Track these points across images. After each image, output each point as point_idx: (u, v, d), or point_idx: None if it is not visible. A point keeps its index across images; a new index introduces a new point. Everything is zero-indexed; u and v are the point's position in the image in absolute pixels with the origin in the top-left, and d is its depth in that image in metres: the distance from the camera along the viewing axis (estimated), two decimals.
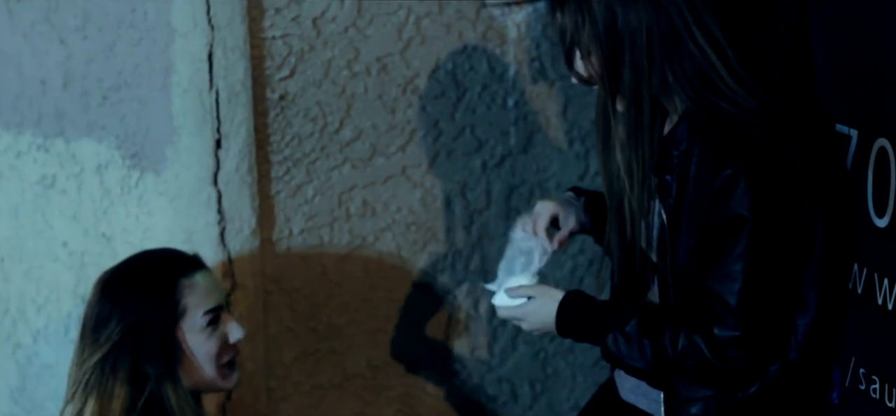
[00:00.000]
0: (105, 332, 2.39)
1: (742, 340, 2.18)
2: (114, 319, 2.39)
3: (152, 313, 2.40)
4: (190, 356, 2.44)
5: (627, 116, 2.25)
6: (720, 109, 2.21)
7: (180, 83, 2.82)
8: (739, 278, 2.17)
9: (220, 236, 2.87)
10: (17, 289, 3.02)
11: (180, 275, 2.45)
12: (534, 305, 2.39)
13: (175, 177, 2.86)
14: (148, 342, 2.39)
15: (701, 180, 2.20)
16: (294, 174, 2.93)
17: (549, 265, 3.19)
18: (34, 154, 2.96)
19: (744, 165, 2.15)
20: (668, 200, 2.27)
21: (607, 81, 2.25)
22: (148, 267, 2.48)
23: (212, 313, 2.46)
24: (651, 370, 2.28)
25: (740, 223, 2.16)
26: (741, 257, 2.17)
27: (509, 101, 3.10)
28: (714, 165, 2.18)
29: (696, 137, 2.23)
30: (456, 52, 3.03)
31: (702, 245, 2.21)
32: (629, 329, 2.27)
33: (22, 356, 3.04)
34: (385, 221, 3.03)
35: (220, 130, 2.84)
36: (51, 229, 2.97)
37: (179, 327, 2.43)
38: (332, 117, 2.95)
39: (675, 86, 2.24)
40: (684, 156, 2.24)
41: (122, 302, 2.41)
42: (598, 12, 2.23)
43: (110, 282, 2.46)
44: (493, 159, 3.11)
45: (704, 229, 2.20)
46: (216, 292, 2.50)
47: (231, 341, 2.49)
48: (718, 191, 2.17)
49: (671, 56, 2.22)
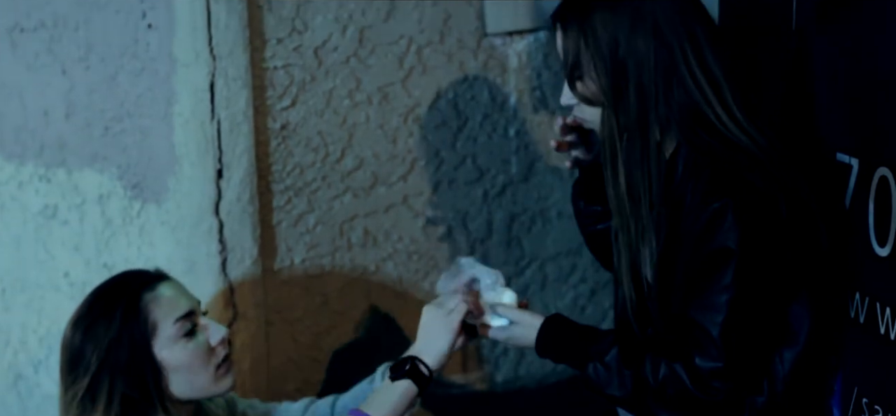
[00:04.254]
0: (82, 366, 2.34)
1: (723, 371, 2.19)
2: (87, 350, 2.34)
3: (122, 336, 2.33)
4: (173, 371, 2.36)
5: (633, 139, 2.26)
6: (711, 147, 2.22)
7: (182, 113, 2.83)
8: (723, 310, 2.18)
9: (222, 265, 2.87)
10: (18, 320, 3.02)
11: (143, 290, 2.38)
12: (515, 329, 2.39)
13: (177, 207, 2.86)
14: (123, 367, 2.32)
15: (692, 214, 2.21)
16: (296, 204, 2.94)
17: (551, 295, 3.21)
18: (36, 185, 2.96)
19: (732, 200, 2.16)
20: (661, 232, 2.28)
21: (613, 105, 2.26)
22: (110, 292, 2.41)
23: (183, 321, 2.37)
24: (631, 399, 2.28)
25: (727, 256, 2.17)
26: (726, 289, 2.18)
27: (510, 130, 3.11)
28: (704, 199, 2.19)
29: (690, 172, 2.23)
30: (457, 81, 3.04)
31: (688, 277, 2.22)
32: (609, 359, 2.27)
33: (23, 386, 3.04)
34: (386, 250, 3.03)
35: (221, 160, 2.84)
36: (52, 260, 2.97)
37: (153, 344, 2.35)
38: (334, 147, 2.96)
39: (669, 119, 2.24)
40: (678, 189, 2.25)
41: (91, 332, 2.35)
42: (601, 37, 2.24)
43: (78, 317, 2.40)
44: (494, 188, 3.11)
45: (692, 261, 2.21)
46: (184, 299, 2.41)
47: (213, 343, 2.39)
48: (706, 224, 2.18)
49: (668, 89, 2.23)
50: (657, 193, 2.27)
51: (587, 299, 3.23)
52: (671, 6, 2.23)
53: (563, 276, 3.21)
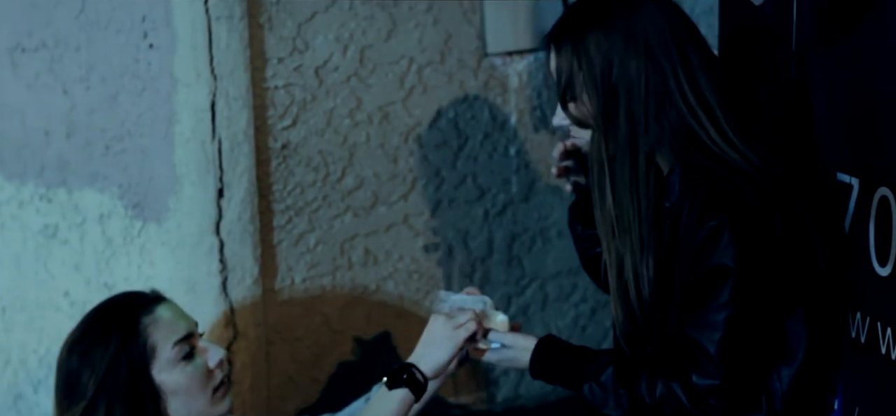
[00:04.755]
0: (78, 390, 2.31)
1: (720, 389, 2.19)
2: (84, 375, 2.31)
3: (119, 361, 2.30)
4: (171, 395, 2.34)
5: (623, 164, 2.26)
6: (706, 167, 2.22)
7: (183, 133, 2.83)
8: (721, 328, 2.18)
9: (223, 285, 2.87)
10: (18, 339, 3.02)
11: (140, 313, 2.35)
12: (508, 352, 2.39)
13: (177, 226, 2.86)
14: (121, 391, 2.30)
15: (688, 232, 2.21)
16: (296, 223, 2.94)
17: (552, 314, 3.20)
18: (37, 204, 2.96)
19: (728, 218, 2.17)
20: (660, 251, 2.28)
21: (603, 127, 2.26)
22: (107, 315, 2.38)
23: (182, 344, 2.35)
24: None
25: (724, 274, 2.17)
26: (724, 307, 2.18)
27: (511, 149, 3.11)
28: (700, 217, 2.19)
29: (687, 191, 2.24)
30: (458, 101, 3.04)
31: (685, 295, 2.22)
32: (605, 379, 2.27)
33: (23, 406, 3.03)
34: (387, 269, 3.03)
35: (222, 180, 2.84)
36: (53, 279, 2.97)
37: (152, 367, 2.33)
38: (335, 166, 2.96)
39: (662, 140, 2.25)
40: (676, 207, 2.25)
41: (89, 356, 2.32)
42: (595, 57, 2.24)
43: (75, 340, 2.37)
44: (494, 208, 3.12)
45: (689, 279, 2.21)
46: (183, 321, 2.38)
47: (211, 365, 2.37)
48: (703, 242, 2.18)
49: (660, 111, 2.23)
50: (647, 218, 2.27)
51: (588, 319, 3.23)
52: (665, 29, 2.24)
53: (563, 295, 3.21)
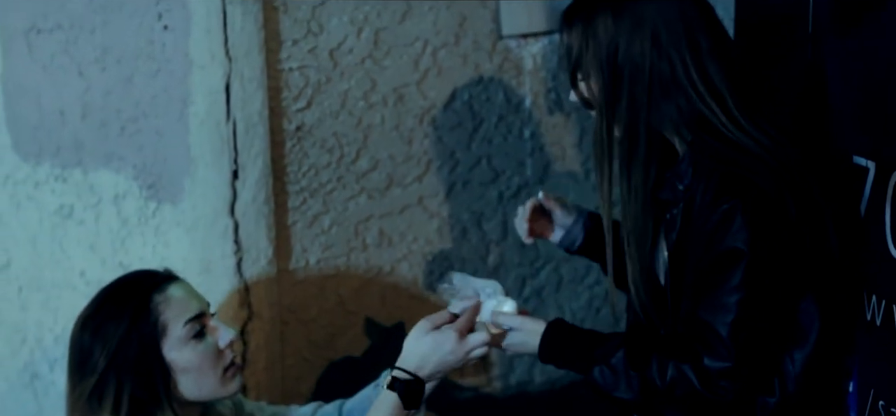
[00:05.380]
0: (89, 365, 2.32)
1: (732, 371, 2.19)
2: (95, 351, 2.32)
3: (131, 337, 2.32)
4: (181, 373, 2.35)
5: (622, 147, 2.27)
6: (719, 151, 2.22)
7: (198, 114, 2.84)
8: (733, 311, 2.18)
9: (237, 266, 2.87)
10: (34, 318, 3.03)
11: (152, 291, 2.36)
12: (516, 336, 2.39)
13: (192, 207, 2.87)
14: (132, 368, 2.32)
15: (701, 215, 2.21)
16: (311, 205, 2.94)
17: (566, 296, 3.20)
18: (52, 184, 2.97)
19: (741, 201, 2.17)
20: (672, 233, 2.28)
21: (605, 109, 2.27)
22: (119, 292, 2.39)
23: (193, 323, 2.36)
24: (639, 402, 2.28)
25: (736, 257, 2.17)
26: (736, 289, 2.18)
27: (526, 132, 3.11)
28: (714, 200, 2.20)
29: (700, 174, 2.24)
30: (472, 83, 3.04)
31: (697, 278, 2.22)
32: (615, 362, 2.27)
33: (39, 385, 3.05)
34: (401, 251, 3.03)
35: (237, 161, 2.85)
36: (68, 259, 2.98)
37: (163, 345, 2.34)
38: (349, 148, 2.96)
39: (672, 127, 2.25)
40: (689, 190, 2.25)
41: (101, 332, 2.34)
42: (602, 39, 2.25)
43: (87, 315, 2.39)
44: (509, 190, 3.11)
45: (702, 262, 2.21)
46: (195, 301, 2.40)
47: (221, 345, 2.38)
48: (716, 225, 2.19)
49: (668, 98, 2.24)
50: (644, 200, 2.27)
51: (602, 301, 3.23)
52: (674, 15, 2.23)
53: (578, 277, 3.21)
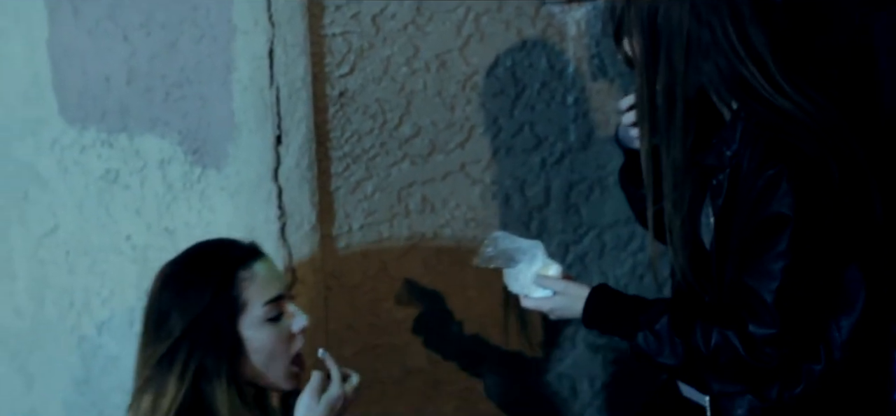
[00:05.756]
0: (166, 328, 2.36)
1: (777, 338, 2.18)
2: (173, 314, 2.36)
3: (211, 309, 2.35)
4: (253, 352, 2.39)
5: (661, 108, 2.26)
6: (764, 116, 2.21)
7: (241, 80, 2.85)
8: (778, 277, 2.18)
9: (281, 231, 2.89)
10: (82, 282, 3.07)
11: (238, 267, 2.39)
12: (560, 300, 2.39)
13: (236, 173, 2.89)
14: (206, 338, 2.35)
15: (747, 181, 2.20)
16: (354, 171, 2.95)
17: (609, 262, 3.20)
18: (98, 149, 3.00)
19: (787, 166, 2.16)
20: (719, 199, 2.27)
21: (644, 70, 2.26)
22: (206, 260, 2.42)
23: (272, 305, 2.39)
24: (683, 368, 2.28)
25: (782, 223, 2.16)
26: (781, 256, 2.17)
27: (569, 98, 3.09)
28: (759, 166, 2.18)
29: (747, 140, 2.22)
30: (515, 49, 3.03)
31: (742, 244, 2.21)
32: (659, 327, 2.27)
33: (87, 347, 3.08)
34: (444, 217, 3.03)
35: (280, 127, 2.86)
36: (115, 224, 3.01)
37: (240, 321, 2.38)
38: (392, 114, 2.96)
39: (714, 91, 2.24)
40: (736, 156, 2.24)
41: (182, 297, 2.37)
42: (642, 1, 2.24)
43: (170, 275, 2.42)
44: (552, 156, 3.11)
45: (746, 228, 2.20)
46: (276, 282, 2.43)
47: (294, 330, 2.41)
48: (761, 191, 2.18)
49: (708, 61, 2.22)
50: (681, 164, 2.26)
51: (646, 268, 3.22)
52: None
53: (621, 244, 3.20)
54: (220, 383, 2.34)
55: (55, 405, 3.14)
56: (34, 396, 3.17)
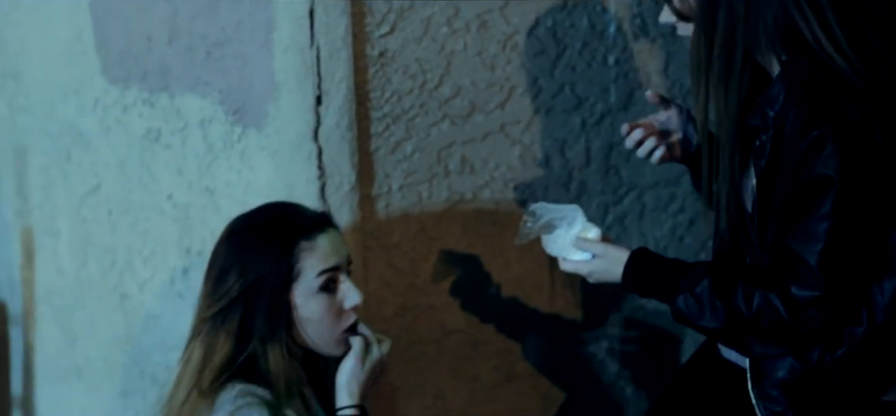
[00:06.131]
0: (224, 286, 2.40)
1: (821, 300, 2.17)
2: (233, 274, 2.39)
3: (268, 275, 2.39)
4: (302, 319, 2.42)
5: (719, 60, 2.24)
6: (810, 75, 2.19)
7: (282, 40, 2.85)
8: (822, 239, 2.16)
9: (321, 191, 2.90)
10: (124, 241, 3.09)
11: (301, 237, 2.41)
12: (599, 263, 2.38)
13: (276, 133, 2.89)
14: (261, 302, 2.39)
15: (791, 142, 2.19)
16: (393, 131, 2.95)
17: (649, 224, 3.19)
18: (140, 108, 3.01)
19: (832, 127, 2.14)
20: (762, 160, 2.25)
21: (703, 23, 2.24)
22: (272, 226, 2.44)
23: (326, 275, 2.42)
24: (724, 331, 2.27)
25: (826, 184, 2.14)
26: (825, 217, 2.15)
27: (610, 58, 3.08)
28: (804, 126, 2.17)
29: (792, 99, 2.21)
30: (556, 9, 3.01)
31: (785, 206, 2.20)
32: (700, 290, 2.26)
33: (129, 305, 3.11)
34: (483, 178, 3.03)
35: (320, 87, 2.86)
36: (156, 183, 3.03)
37: (293, 288, 2.41)
38: (432, 74, 2.96)
39: (767, 42, 2.22)
40: (780, 116, 2.22)
41: (242, 259, 2.40)
42: None
43: (236, 233, 2.46)
44: (592, 117, 3.09)
45: (790, 189, 2.19)
46: (336, 254, 2.45)
47: (346, 306, 2.44)
48: (805, 152, 2.16)
49: (767, 11, 2.20)
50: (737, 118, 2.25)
51: (686, 229, 3.21)
52: None
53: (661, 205, 3.19)
54: (271, 344, 2.38)
55: (97, 362, 3.18)
56: (77, 353, 3.21)
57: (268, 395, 2.38)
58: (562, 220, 2.45)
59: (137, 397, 3.10)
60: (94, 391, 3.18)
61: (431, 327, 3.05)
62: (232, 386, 2.37)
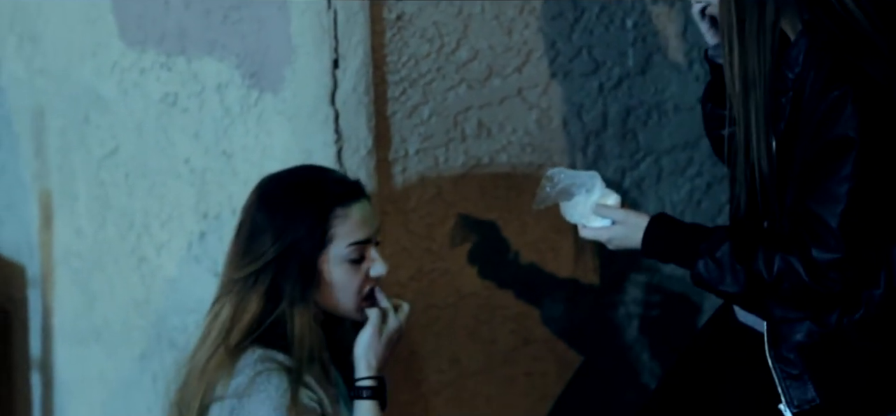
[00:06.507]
0: (257, 245, 2.41)
1: (842, 262, 2.17)
2: (267, 237, 2.40)
3: (303, 241, 2.40)
4: (327, 284, 2.44)
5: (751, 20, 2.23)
6: (831, 35, 2.17)
7: (298, 3, 2.84)
8: (843, 201, 2.15)
9: (338, 155, 2.90)
10: (141, 204, 3.10)
11: (337, 204, 2.43)
12: (619, 229, 2.38)
13: (293, 96, 2.89)
14: (292, 266, 2.40)
15: (811, 103, 2.18)
16: (410, 95, 2.94)
17: (666, 188, 3.18)
18: (157, 72, 3.02)
19: (852, 88, 2.12)
20: (780, 123, 2.24)
21: None
22: (308, 191, 2.45)
23: (357, 246, 2.44)
24: (745, 295, 2.27)
25: (847, 145, 2.13)
26: (846, 179, 2.14)
27: (628, 21, 3.06)
28: (824, 87, 2.15)
29: (812, 61, 2.19)
30: None
31: (805, 168, 2.19)
32: (720, 255, 2.25)
33: (146, 269, 3.12)
34: (500, 142, 3.02)
35: (337, 51, 2.85)
36: (173, 147, 3.03)
37: (324, 255, 2.42)
38: (449, 38, 2.95)
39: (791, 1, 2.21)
40: (800, 78, 2.21)
41: (278, 222, 2.41)
42: None
43: (270, 194, 2.46)
44: (610, 81, 3.08)
45: (810, 150, 2.17)
46: (367, 226, 2.47)
47: (371, 275, 2.47)
48: (825, 113, 2.15)
49: None
50: (770, 78, 2.23)
51: (703, 193, 3.20)
52: None
53: (679, 169, 3.18)
54: (299, 308, 2.40)
55: (116, 324, 3.19)
56: (95, 315, 3.22)
57: (287, 360, 2.39)
58: (580, 186, 2.45)
59: (155, 360, 3.12)
60: (113, 353, 3.20)
61: (447, 291, 3.05)
62: (252, 350, 2.39)
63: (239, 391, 2.35)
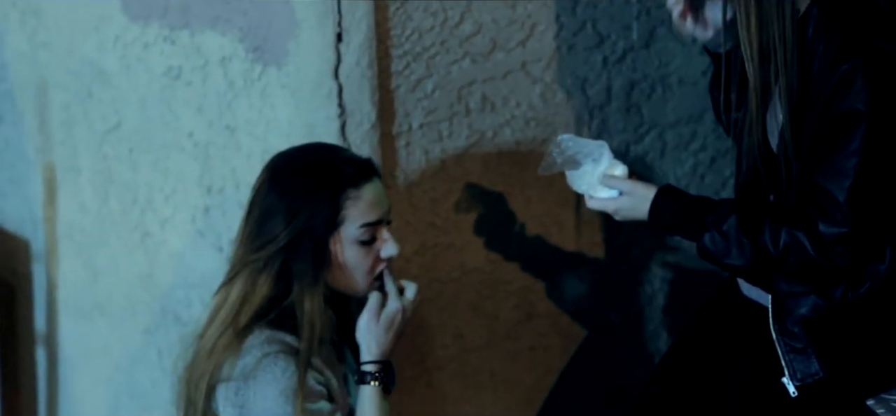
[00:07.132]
0: (269, 227, 2.40)
1: (849, 237, 2.16)
2: (279, 219, 2.39)
3: (314, 223, 2.39)
4: (338, 264, 2.43)
5: None
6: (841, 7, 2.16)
7: None
8: (851, 175, 2.14)
9: (341, 129, 2.89)
10: (145, 179, 3.10)
11: (348, 185, 2.42)
12: (625, 200, 2.38)
13: (297, 70, 2.89)
14: (304, 248, 2.39)
15: (820, 76, 2.17)
16: (414, 68, 2.94)
17: (670, 162, 3.18)
18: (161, 46, 3.01)
19: (862, 61, 2.11)
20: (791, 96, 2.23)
21: None
22: (319, 172, 2.43)
23: (369, 227, 2.43)
24: (751, 269, 2.26)
25: (856, 119, 2.13)
26: (855, 153, 2.14)
27: None
28: (833, 61, 2.15)
29: (821, 34, 2.18)
30: None
31: (813, 142, 2.18)
32: (727, 228, 2.25)
33: (150, 243, 3.12)
34: (504, 116, 3.02)
35: (341, 24, 2.85)
36: (177, 121, 3.03)
37: (335, 236, 2.41)
38: (453, 11, 2.94)
39: None
40: (809, 51, 2.20)
41: (290, 204, 2.40)
42: None
43: (282, 175, 2.44)
44: (614, 54, 3.08)
45: (818, 125, 2.17)
46: (379, 206, 2.46)
47: (382, 256, 2.46)
48: (834, 87, 2.14)
49: None
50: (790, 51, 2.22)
51: (707, 167, 3.20)
52: None
53: (682, 143, 3.18)
54: (308, 287, 2.39)
55: (119, 299, 3.20)
56: (99, 290, 3.23)
57: (295, 342, 2.39)
58: (587, 156, 2.44)
59: (159, 334, 3.12)
60: (117, 328, 3.20)
61: (451, 265, 3.05)
62: (260, 331, 2.38)
63: (245, 373, 2.35)
